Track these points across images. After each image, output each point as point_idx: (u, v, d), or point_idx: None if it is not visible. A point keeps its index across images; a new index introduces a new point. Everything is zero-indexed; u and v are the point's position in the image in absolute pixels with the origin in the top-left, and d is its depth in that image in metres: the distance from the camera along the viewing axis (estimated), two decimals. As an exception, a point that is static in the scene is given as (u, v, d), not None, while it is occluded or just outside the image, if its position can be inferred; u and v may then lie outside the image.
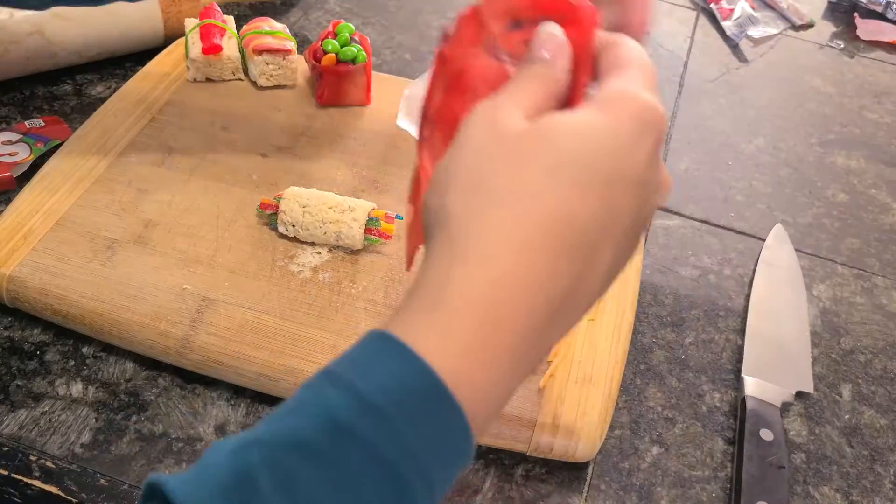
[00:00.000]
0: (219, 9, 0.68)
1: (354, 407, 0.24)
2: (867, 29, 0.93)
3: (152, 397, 0.48)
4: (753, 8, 0.93)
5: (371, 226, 0.53)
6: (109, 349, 0.50)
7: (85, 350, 0.50)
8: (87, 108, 0.65)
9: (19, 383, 0.48)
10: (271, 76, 0.66)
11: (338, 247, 0.54)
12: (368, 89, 0.66)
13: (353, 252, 0.54)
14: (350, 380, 0.25)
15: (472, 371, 0.26)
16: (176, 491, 0.24)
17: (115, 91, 0.65)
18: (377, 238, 0.53)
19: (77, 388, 0.48)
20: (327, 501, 0.24)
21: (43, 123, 0.63)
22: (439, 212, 0.29)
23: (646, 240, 0.64)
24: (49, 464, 0.45)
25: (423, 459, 0.25)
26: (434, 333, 0.26)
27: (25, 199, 0.55)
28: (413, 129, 0.64)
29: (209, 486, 0.24)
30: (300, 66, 0.68)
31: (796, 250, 0.65)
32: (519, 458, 0.48)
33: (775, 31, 0.91)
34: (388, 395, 0.25)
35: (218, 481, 0.24)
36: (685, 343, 0.57)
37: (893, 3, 0.95)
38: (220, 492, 0.24)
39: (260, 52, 0.64)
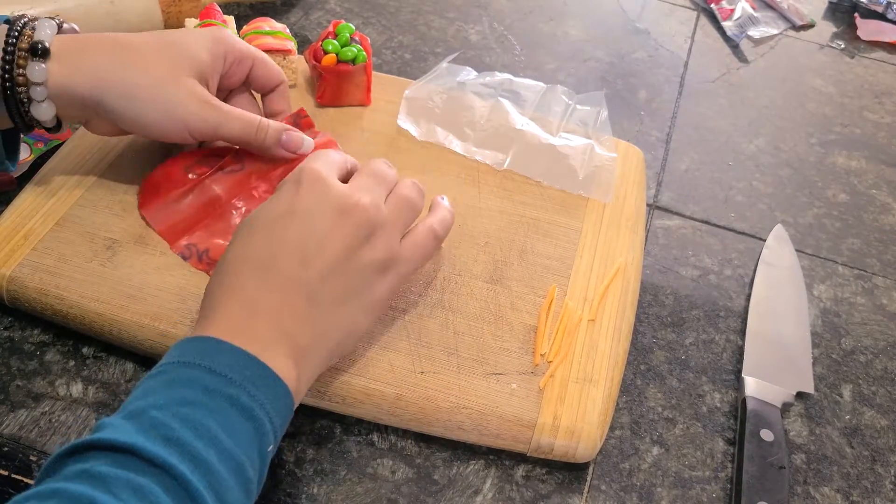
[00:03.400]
0: (219, 9, 0.68)
1: (217, 380, 0.37)
2: (868, 29, 0.93)
3: (152, 397, 0.48)
4: (754, 8, 0.93)
5: None
6: (110, 349, 0.50)
7: (85, 350, 0.50)
8: (88, 108, 0.65)
9: (19, 383, 0.48)
10: (271, 76, 0.66)
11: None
12: (368, 89, 0.66)
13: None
14: (207, 365, 0.37)
15: (276, 356, 0.39)
16: (111, 437, 0.33)
17: (115, 91, 0.65)
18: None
19: (77, 389, 0.48)
20: (215, 430, 0.35)
21: (43, 123, 0.63)
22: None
23: (646, 240, 0.64)
24: (49, 464, 0.45)
25: (265, 406, 0.37)
26: (241, 339, 0.39)
27: (25, 199, 0.55)
28: (414, 129, 0.64)
29: (130, 432, 0.34)
30: (300, 66, 0.68)
31: (797, 250, 0.65)
32: (519, 458, 0.48)
33: (776, 32, 0.91)
34: (234, 371, 0.37)
35: (136, 429, 0.34)
36: (685, 343, 0.57)
37: (894, 3, 0.95)
38: (142, 432, 0.34)
39: (260, 52, 0.64)
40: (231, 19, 0.69)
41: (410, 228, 0.48)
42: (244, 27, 0.67)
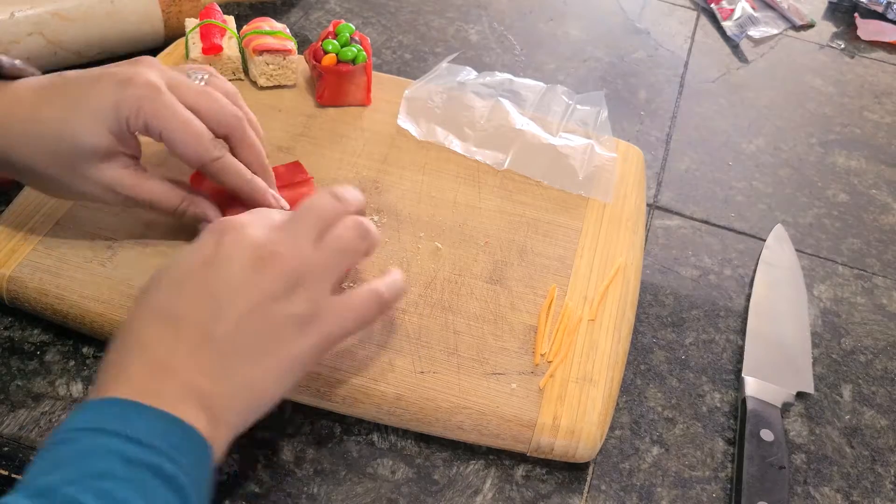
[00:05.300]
0: (219, 9, 0.68)
1: (137, 449, 0.34)
2: (868, 29, 0.93)
3: (152, 397, 0.48)
4: (754, 8, 0.93)
5: None
6: (109, 349, 0.50)
7: (85, 350, 0.50)
8: (88, 108, 0.65)
9: (19, 383, 0.48)
10: (271, 76, 0.66)
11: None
12: (368, 89, 0.66)
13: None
14: (124, 432, 0.34)
15: (198, 413, 0.36)
16: None
17: (115, 91, 0.65)
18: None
19: (77, 389, 0.48)
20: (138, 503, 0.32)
21: (43, 123, 0.63)
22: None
23: (646, 240, 0.64)
24: (49, 464, 0.45)
25: (189, 472, 0.34)
26: (152, 400, 0.36)
27: (25, 198, 0.55)
28: (413, 129, 0.64)
29: None
30: (300, 66, 0.68)
31: (797, 250, 0.65)
32: (519, 458, 0.48)
33: (776, 32, 0.91)
34: (156, 437, 0.34)
35: None
36: (685, 343, 0.57)
37: (894, 3, 0.95)
38: None
39: (260, 52, 0.64)
40: (231, 19, 0.69)
41: (354, 288, 0.43)
42: (244, 27, 0.67)
